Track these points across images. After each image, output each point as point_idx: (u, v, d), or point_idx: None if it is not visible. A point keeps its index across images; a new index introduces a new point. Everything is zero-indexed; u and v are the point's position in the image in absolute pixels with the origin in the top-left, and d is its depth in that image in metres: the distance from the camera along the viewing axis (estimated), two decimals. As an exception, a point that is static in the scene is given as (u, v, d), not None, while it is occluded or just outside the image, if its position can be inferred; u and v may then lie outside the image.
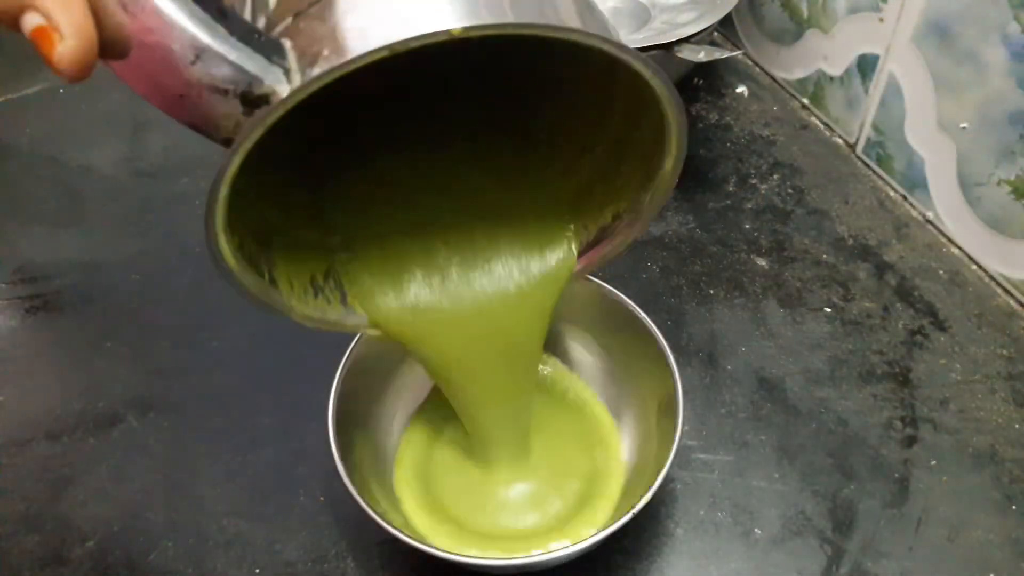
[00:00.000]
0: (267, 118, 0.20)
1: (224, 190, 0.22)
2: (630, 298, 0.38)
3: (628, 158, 0.30)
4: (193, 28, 0.21)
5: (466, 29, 0.20)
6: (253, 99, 0.21)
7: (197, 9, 0.21)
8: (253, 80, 0.21)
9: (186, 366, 0.45)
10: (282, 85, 0.20)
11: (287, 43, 0.21)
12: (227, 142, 0.22)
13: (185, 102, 0.22)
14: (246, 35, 0.21)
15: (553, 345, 0.41)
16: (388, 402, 0.40)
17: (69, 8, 0.17)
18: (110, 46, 0.19)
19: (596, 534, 0.31)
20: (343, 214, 0.33)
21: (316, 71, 0.20)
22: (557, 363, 0.41)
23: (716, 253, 0.50)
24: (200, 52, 0.21)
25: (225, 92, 0.21)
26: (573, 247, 0.33)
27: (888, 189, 0.54)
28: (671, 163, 0.27)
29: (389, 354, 0.40)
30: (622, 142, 0.30)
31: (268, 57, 0.21)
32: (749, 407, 0.42)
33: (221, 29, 0.21)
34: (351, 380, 0.36)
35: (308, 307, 0.30)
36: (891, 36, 0.50)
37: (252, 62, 0.21)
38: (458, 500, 0.37)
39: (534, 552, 0.34)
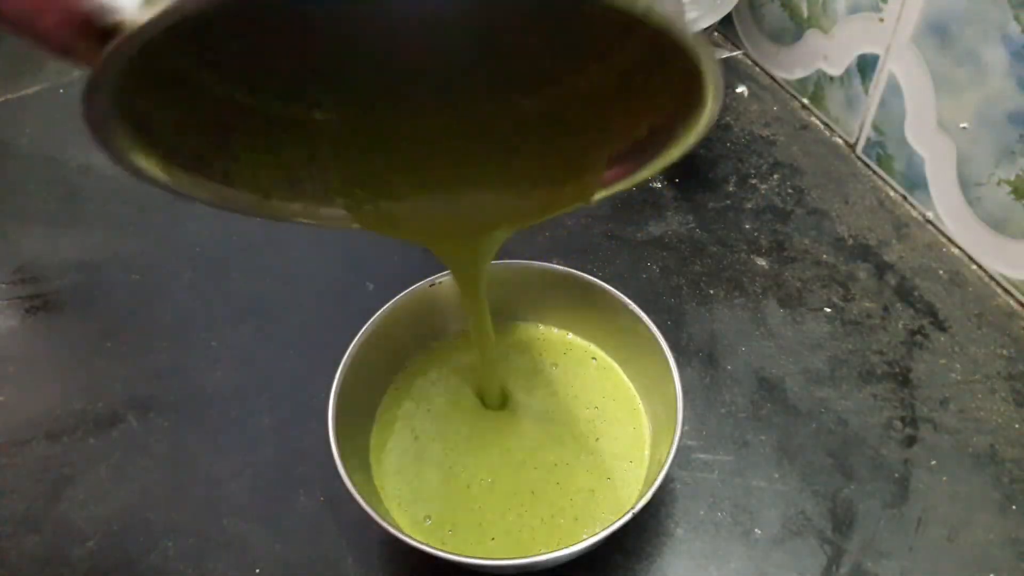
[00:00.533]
0: (115, 59, 0.16)
1: (105, 117, 0.18)
2: (630, 298, 0.38)
3: (656, 85, 0.25)
4: None
5: None
6: (109, 31, 0.16)
7: None
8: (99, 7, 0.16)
9: (186, 366, 0.45)
10: (132, 9, 0.16)
11: None
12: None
13: (27, 24, 0.17)
14: None
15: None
16: (388, 401, 0.40)
17: None
18: None
19: (596, 534, 0.31)
20: (334, 89, 0.27)
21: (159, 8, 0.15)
22: (578, 337, 0.42)
23: (716, 253, 0.50)
24: None
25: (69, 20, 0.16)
26: (596, 164, 0.28)
27: (888, 189, 0.54)
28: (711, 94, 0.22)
29: (390, 354, 0.40)
30: (647, 73, 0.25)
31: None
32: (749, 407, 0.42)
33: None
34: (351, 380, 0.36)
35: (274, 199, 0.27)
36: (891, 36, 0.50)
37: None
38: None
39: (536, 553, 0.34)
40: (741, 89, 0.63)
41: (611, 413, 0.39)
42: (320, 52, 0.27)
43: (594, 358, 0.41)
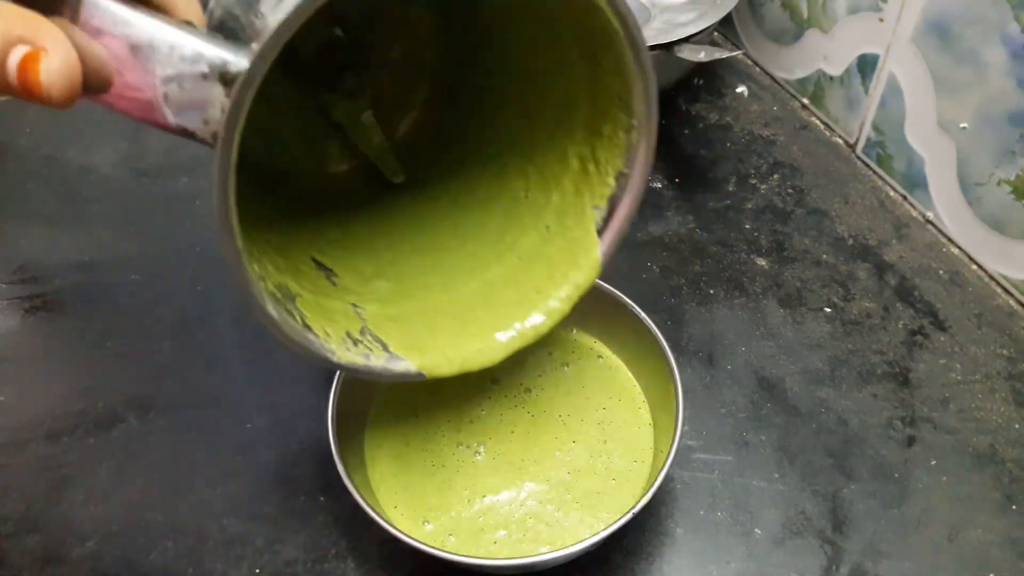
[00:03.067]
0: (246, 91, 0.21)
1: (231, 184, 0.23)
2: (630, 298, 0.38)
3: (604, 110, 0.30)
4: (163, 33, 0.22)
5: None
6: (230, 79, 0.21)
7: (162, 21, 0.22)
8: (226, 63, 0.22)
9: (186, 366, 0.45)
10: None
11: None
12: (215, 136, 0.22)
13: (166, 102, 0.22)
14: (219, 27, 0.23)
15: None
16: (381, 403, 0.40)
17: (53, 35, 0.18)
18: (92, 77, 0.20)
19: (596, 534, 0.31)
20: (355, 286, 0.33)
21: (262, 39, 0.21)
22: (583, 334, 0.42)
23: (716, 253, 0.50)
24: (172, 47, 0.22)
25: (204, 77, 0.22)
26: (590, 243, 0.33)
27: (888, 189, 0.54)
28: (639, 86, 0.28)
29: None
30: (593, 98, 0.30)
31: (237, 44, 0.22)
32: (749, 407, 0.42)
33: (189, 29, 0.22)
34: (351, 380, 0.36)
35: (350, 354, 0.30)
36: (891, 36, 0.50)
37: (223, 49, 0.22)
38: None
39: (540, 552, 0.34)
40: (741, 89, 0.63)
41: (618, 414, 0.39)
42: None
43: (600, 356, 0.41)
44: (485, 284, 0.34)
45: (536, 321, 0.33)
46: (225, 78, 0.22)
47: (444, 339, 0.33)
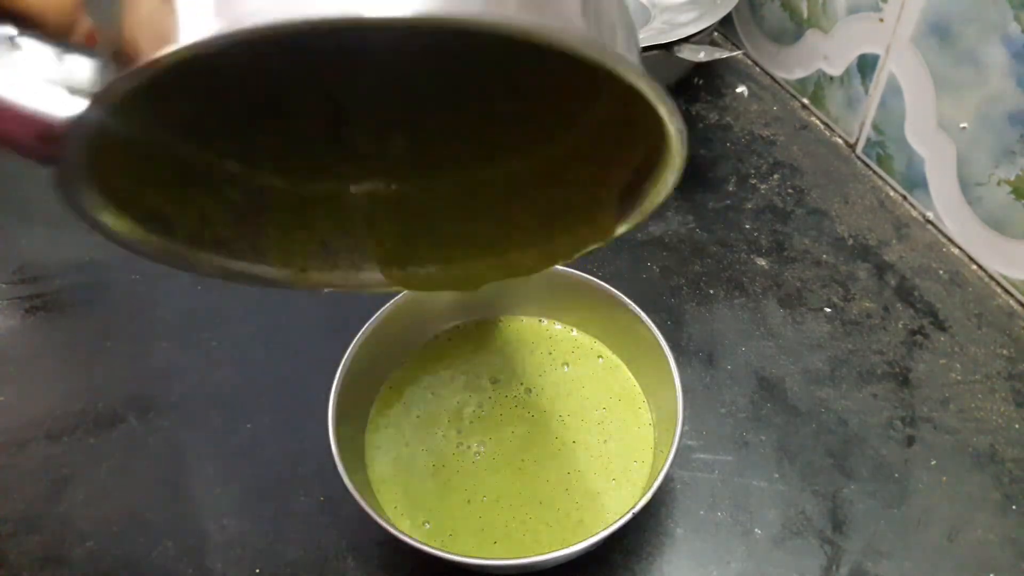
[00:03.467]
0: (76, 153, 0.17)
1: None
2: (630, 298, 0.38)
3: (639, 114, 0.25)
4: None
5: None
6: (55, 135, 0.18)
7: None
8: (50, 114, 0.18)
9: (186, 366, 0.45)
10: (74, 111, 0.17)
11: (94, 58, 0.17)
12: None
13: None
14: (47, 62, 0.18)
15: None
16: (381, 404, 0.40)
17: None
18: None
19: (596, 534, 0.31)
20: (367, 137, 0.29)
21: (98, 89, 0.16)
22: (583, 333, 0.42)
23: (716, 253, 0.50)
24: None
25: (22, 124, 0.18)
26: (608, 202, 0.29)
27: (888, 189, 0.54)
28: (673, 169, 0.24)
29: (388, 355, 0.40)
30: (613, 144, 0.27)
31: (69, 85, 0.18)
32: (749, 407, 0.42)
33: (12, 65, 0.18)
34: (351, 380, 0.36)
35: (311, 272, 0.28)
36: (891, 36, 0.50)
37: (45, 97, 0.18)
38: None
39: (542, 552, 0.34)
40: (741, 89, 0.63)
41: (618, 414, 0.39)
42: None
43: (600, 356, 0.41)
44: (499, 185, 0.31)
45: (529, 261, 0.31)
46: (51, 134, 0.17)
47: (434, 251, 0.31)
